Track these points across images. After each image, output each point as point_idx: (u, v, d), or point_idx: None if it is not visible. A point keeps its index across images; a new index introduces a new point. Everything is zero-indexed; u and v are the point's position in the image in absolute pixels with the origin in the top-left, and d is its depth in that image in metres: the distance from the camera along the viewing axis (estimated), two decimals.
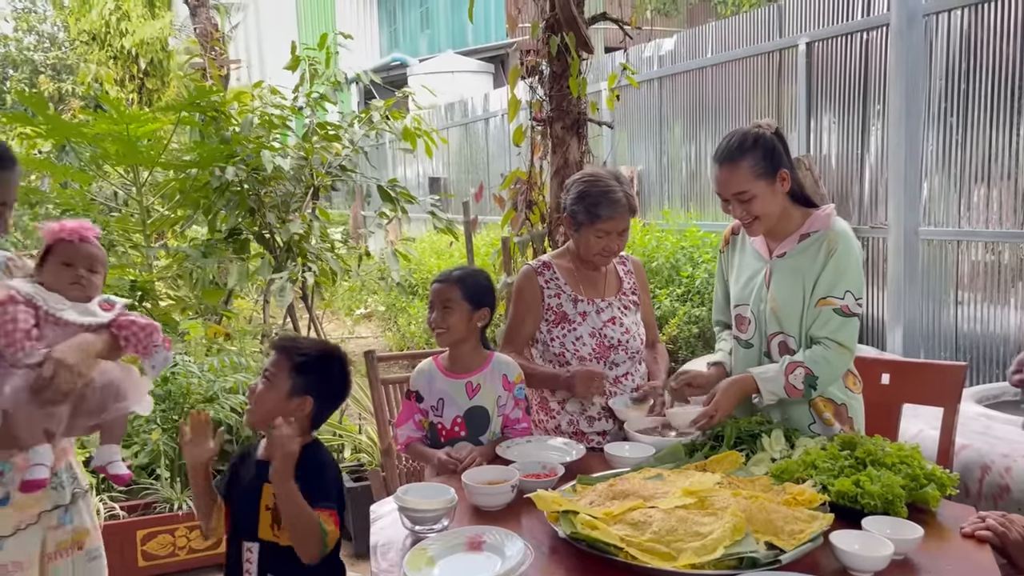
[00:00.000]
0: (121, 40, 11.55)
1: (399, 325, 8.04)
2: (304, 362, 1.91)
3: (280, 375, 1.91)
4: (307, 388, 1.91)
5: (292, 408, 1.90)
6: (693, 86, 6.59)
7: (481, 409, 2.41)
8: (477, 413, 2.41)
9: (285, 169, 5.29)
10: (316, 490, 1.84)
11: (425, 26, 19.26)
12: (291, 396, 1.90)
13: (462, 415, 2.41)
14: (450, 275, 2.44)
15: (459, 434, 2.41)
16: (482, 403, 2.41)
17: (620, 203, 2.55)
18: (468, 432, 2.41)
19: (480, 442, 2.39)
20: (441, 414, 2.43)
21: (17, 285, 1.92)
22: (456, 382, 2.43)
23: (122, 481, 2.07)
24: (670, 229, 6.14)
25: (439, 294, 2.41)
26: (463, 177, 11.28)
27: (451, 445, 2.40)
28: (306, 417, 1.92)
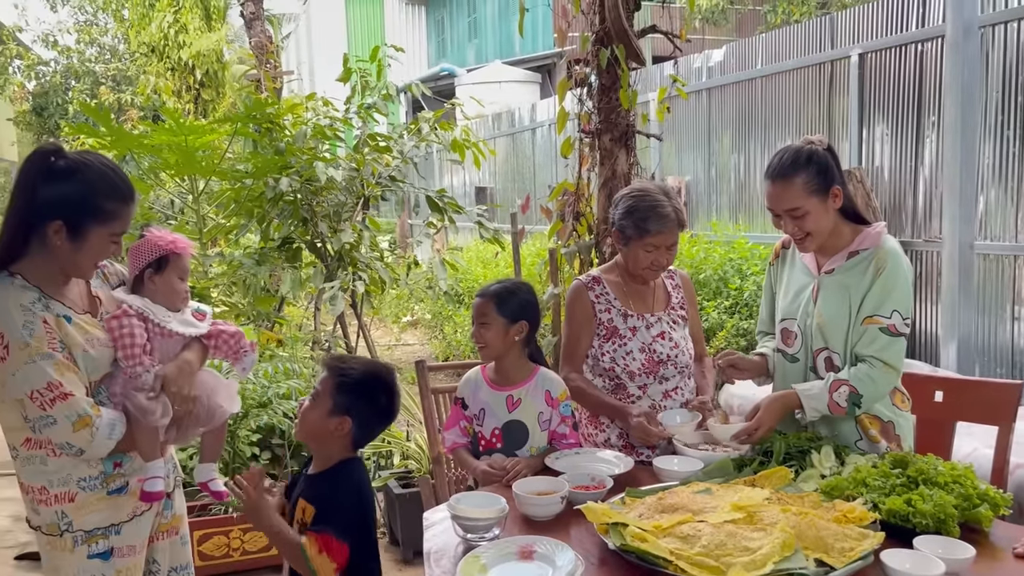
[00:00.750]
0: (179, 52, 11.87)
1: (445, 333, 8.12)
2: (345, 382, 1.94)
3: (324, 393, 1.94)
4: (347, 408, 1.92)
5: (332, 427, 1.92)
6: (743, 97, 6.57)
7: (520, 424, 2.44)
8: (515, 427, 2.44)
9: (337, 180, 5.39)
10: (321, 514, 1.87)
11: (473, 36, 19.42)
12: (331, 415, 1.92)
13: (500, 427, 2.44)
14: (487, 290, 2.47)
15: (495, 445, 2.45)
16: (521, 417, 2.44)
17: (669, 218, 2.56)
18: (504, 445, 2.44)
19: (516, 456, 2.42)
20: (482, 424, 2.47)
21: (125, 298, 2.02)
22: (498, 394, 2.47)
23: (220, 497, 2.21)
24: (718, 240, 6.12)
25: (476, 309, 2.45)
26: (509, 187, 11.35)
27: (488, 455, 2.45)
28: (346, 436, 1.94)
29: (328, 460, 1.96)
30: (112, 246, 1.95)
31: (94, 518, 1.98)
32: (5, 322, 1.85)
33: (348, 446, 1.96)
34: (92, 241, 1.90)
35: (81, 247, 1.90)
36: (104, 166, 1.92)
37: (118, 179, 1.93)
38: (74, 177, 1.88)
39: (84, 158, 1.92)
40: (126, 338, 1.96)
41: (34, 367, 1.84)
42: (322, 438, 1.95)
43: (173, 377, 1.99)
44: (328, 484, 1.91)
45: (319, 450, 1.99)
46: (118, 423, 1.94)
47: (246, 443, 3.97)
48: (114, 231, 1.92)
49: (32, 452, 1.95)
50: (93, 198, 1.88)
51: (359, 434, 1.95)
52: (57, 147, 1.94)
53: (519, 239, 5.65)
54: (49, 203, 1.87)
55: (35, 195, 1.87)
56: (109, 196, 1.90)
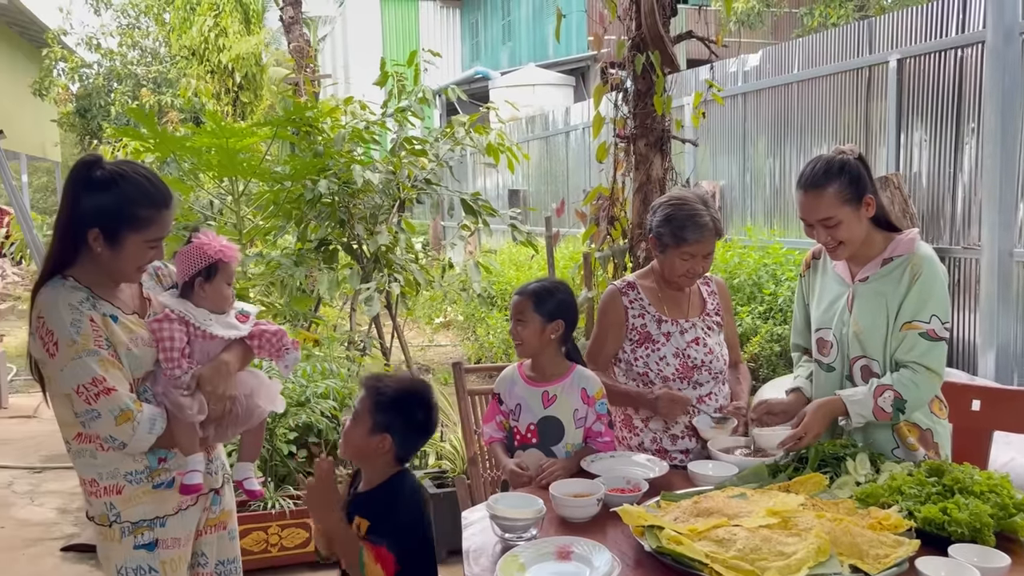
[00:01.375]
0: (218, 55, 12.09)
1: (478, 335, 8.18)
2: (382, 401, 1.97)
3: (363, 413, 1.98)
4: (386, 426, 1.95)
5: (373, 445, 1.95)
6: (778, 102, 6.55)
7: (555, 420, 2.48)
8: (551, 423, 2.48)
9: (374, 183, 5.47)
10: (376, 526, 1.91)
11: (507, 38, 19.48)
12: (371, 434, 1.95)
13: (536, 423, 2.49)
14: (525, 289, 2.53)
15: (531, 441, 2.50)
16: (557, 414, 2.48)
17: (707, 227, 2.59)
18: (540, 440, 2.49)
19: (552, 452, 2.46)
20: (517, 419, 2.53)
21: (167, 302, 2.10)
22: (534, 390, 2.51)
23: (255, 496, 2.28)
24: (752, 245, 6.10)
25: (514, 307, 2.51)
26: (542, 189, 11.39)
27: (523, 451, 2.50)
28: (388, 453, 1.96)
29: (375, 477, 2.00)
30: (150, 251, 2.03)
31: (140, 510, 2.06)
32: (54, 321, 1.94)
33: (392, 462, 1.99)
34: (129, 247, 1.99)
35: (119, 253, 1.99)
36: (139, 175, 2.01)
37: (152, 187, 2.01)
38: (110, 187, 1.97)
39: (120, 168, 2.01)
40: (166, 341, 2.05)
41: (80, 363, 1.93)
42: (366, 456, 1.98)
43: (208, 377, 2.07)
44: (379, 500, 1.95)
45: (365, 468, 2.03)
46: (158, 419, 2.01)
47: (283, 441, 4.05)
48: (149, 237, 2.01)
49: (83, 446, 2.05)
50: (128, 207, 1.97)
51: (401, 450, 1.98)
52: (97, 158, 2.03)
53: (554, 242, 5.68)
54: (88, 212, 1.97)
55: (77, 204, 1.98)
56: (143, 204, 1.98)
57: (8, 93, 17.04)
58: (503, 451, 2.55)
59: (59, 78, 17.10)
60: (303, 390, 4.24)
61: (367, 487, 2.00)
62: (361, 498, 1.99)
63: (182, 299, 2.13)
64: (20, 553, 4.06)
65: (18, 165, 15.59)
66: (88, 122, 17.00)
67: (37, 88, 16.97)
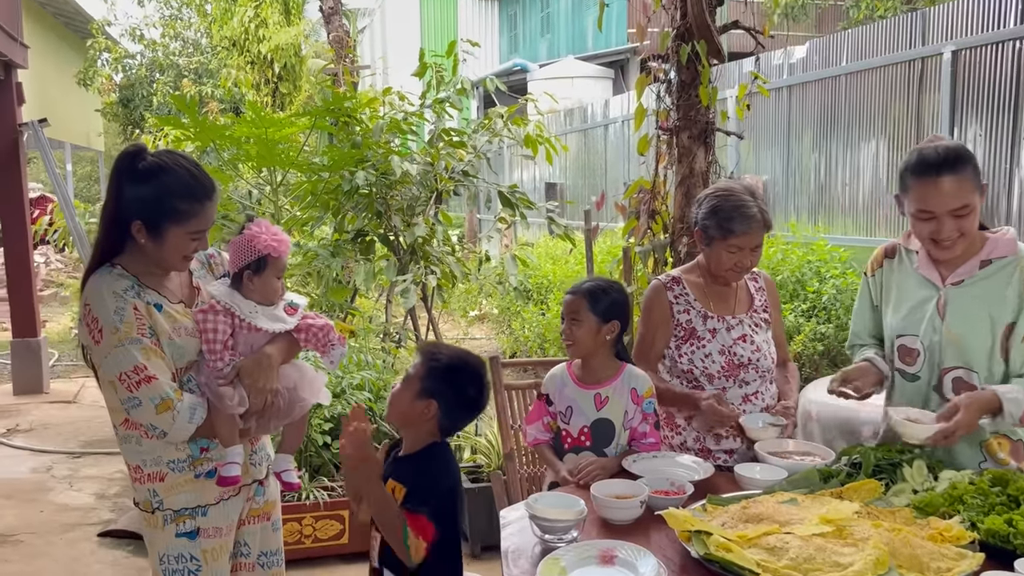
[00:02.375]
0: (258, 46, 12.15)
1: (513, 329, 8.12)
2: (435, 367, 1.96)
3: (414, 376, 1.97)
4: (433, 392, 1.93)
5: (418, 410, 1.94)
6: (825, 95, 6.38)
7: (607, 422, 2.42)
8: (603, 425, 2.43)
9: (412, 174, 5.43)
10: (414, 492, 1.87)
11: (545, 31, 19.37)
12: (418, 397, 1.94)
13: (588, 426, 2.43)
14: (580, 288, 2.46)
15: (584, 444, 2.43)
16: (609, 416, 2.42)
17: (755, 219, 2.48)
18: (593, 443, 2.43)
19: (604, 454, 2.41)
20: (568, 422, 2.46)
21: (217, 293, 2.08)
22: (585, 392, 2.45)
23: (293, 488, 2.24)
24: (796, 242, 5.96)
25: (568, 306, 2.43)
26: (580, 183, 11.29)
27: (575, 454, 2.44)
28: (432, 420, 1.94)
29: (416, 443, 1.98)
30: (193, 243, 2.01)
31: (182, 498, 2.06)
32: (99, 308, 1.95)
33: (434, 430, 1.97)
34: (171, 239, 1.98)
35: (162, 245, 1.99)
36: (181, 167, 1.99)
37: (194, 179, 1.99)
38: (152, 179, 1.96)
39: (162, 160, 1.99)
40: (209, 333, 2.03)
41: (123, 351, 1.92)
42: (409, 420, 1.97)
43: (249, 370, 2.04)
44: (418, 465, 1.93)
45: (407, 432, 2.01)
46: (199, 408, 2.00)
47: (319, 431, 4.04)
48: (191, 230, 1.99)
49: (129, 432, 2.05)
50: (168, 200, 1.96)
51: (445, 420, 1.96)
52: (140, 148, 2.02)
53: (593, 236, 5.60)
54: (131, 203, 1.97)
55: (121, 195, 1.98)
56: (184, 197, 1.97)
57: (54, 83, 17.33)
58: (552, 453, 2.50)
59: (103, 68, 17.35)
60: (339, 381, 4.23)
61: (406, 452, 1.98)
62: (399, 462, 1.97)
63: (231, 289, 2.10)
64: (58, 537, 4.10)
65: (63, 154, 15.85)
66: (131, 112, 17.24)
67: (81, 78, 17.22)
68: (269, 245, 2.06)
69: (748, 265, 2.56)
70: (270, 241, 2.07)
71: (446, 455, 1.99)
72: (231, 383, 2.03)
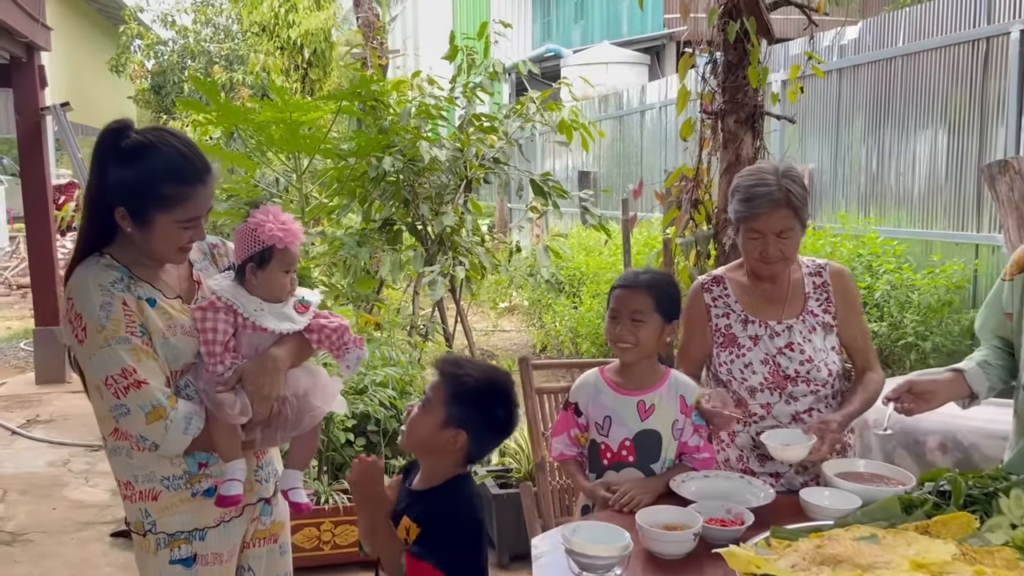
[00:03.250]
0: (288, 31, 11.99)
1: (544, 322, 7.88)
2: (461, 392, 1.73)
3: (436, 401, 1.74)
4: (462, 421, 1.72)
5: (443, 440, 1.72)
6: (879, 78, 6.02)
7: (653, 434, 2.15)
8: (649, 437, 2.15)
9: (441, 160, 5.22)
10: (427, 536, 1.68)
11: (579, 17, 19.02)
12: (444, 427, 1.72)
13: (631, 438, 2.15)
14: (639, 280, 2.16)
15: (627, 459, 2.15)
16: (655, 427, 2.15)
17: (769, 196, 2.15)
18: (637, 458, 2.14)
19: (651, 471, 2.14)
20: (607, 434, 2.17)
21: (218, 288, 1.85)
22: (626, 399, 2.16)
23: (301, 510, 1.97)
24: (845, 234, 5.63)
25: (627, 302, 2.13)
26: (614, 172, 10.99)
27: (616, 471, 2.16)
28: (459, 451, 1.74)
29: (434, 475, 1.76)
30: (185, 232, 1.77)
31: (177, 520, 1.83)
32: (83, 303, 1.72)
33: (459, 461, 1.76)
34: (159, 228, 1.75)
35: (150, 234, 1.75)
36: (169, 145, 1.74)
37: (183, 160, 1.74)
38: (135, 160, 1.72)
39: (148, 138, 1.74)
40: (208, 333, 1.79)
41: (109, 351, 1.70)
42: (432, 451, 1.76)
43: (252, 375, 1.80)
44: (436, 505, 1.72)
45: (426, 462, 1.80)
46: (195, 417, 1.77)
47: (341, 429, 3.83)
48: (180, 218, 1.75)
49: (119, 443, 1.83)
50: (152, 184, 1.72)
51: (473, 449, 1.75)
52: (125, 124, 1.77)
53: (630, 226, 5.33)
54: (113, 188, 1.74)
55: (104, 178, 1.75)
56: (170, 180, 1.72)
57: (87, 70, 17.39)
58: (580, 471, 2.22)
59: (135, 55, 17.35)
60: (361, 378, 4.01)
61: (424, 485, 1.77)
62: (415, 497, 1.76)
63: (235, 284, 1.86)
64: (70, 536, 3.95)
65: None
66: (162, 99, 17.21)
67: (114, 65, 17.26)
68: (274, 235, 1.81)
69: (775, 254, 2.20)
70: (276, 230, 1.82)
71: (468, 491, 1.77)
72: (232, 389, 1.80)
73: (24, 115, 6.35)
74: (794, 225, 2.19)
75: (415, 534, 1.69)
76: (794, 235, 2.20)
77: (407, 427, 1.77)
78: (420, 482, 1.78)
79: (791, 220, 2.18)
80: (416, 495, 1.76)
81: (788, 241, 2.19)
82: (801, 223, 2.22)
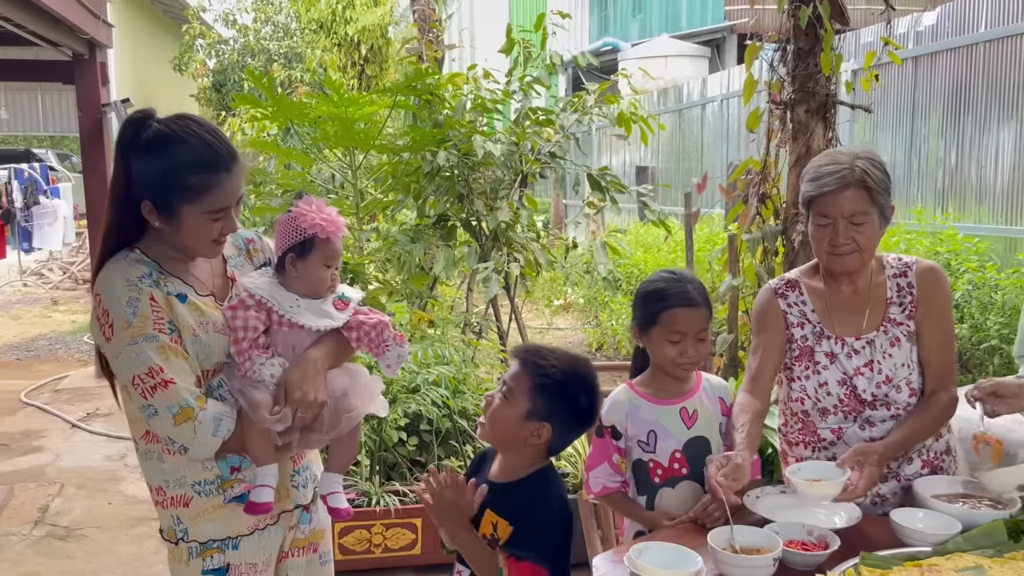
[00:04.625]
0: (345, 28, 12.01)
1: (600, 320, 7.71)
2: (547, 385, 1.65)
3: (519, 393, 1.66)
4: (546, 414, 1.65)
5: (527, 433, 1.65)
6: (959, 67, 5.70)
7: (702, 440, 2.00)
8: (698, 445, 2.00)
9: (496, 155, 5.11)
10: (520, 533, 1.61)
11: (637, 11, 18.74)
12: (527, 419, 1.65)
13: (681, 449, 1.99)
14: (691, 296, 1.96)
15: (680, 472, 1.99)
16: (702, 432, 2.01)
17: (839, 174, 1.91)
18: (691, 468, 1.98)
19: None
20: (653, 449, 2.00)
21: (252, 285, 1.76)
22: (668, 409, 2.01)
23: (340, 517, 1.87)
24: (922, 231, 5.35)
25: (692, 324, 1.95)
26: (672, 168, 10.74)
27: (671, 486, 2.00)
28: (542, 444, 1.67)
29: (517, 468, 1.70)
30: (215, 224, 1.68)
31: (209, 528, 1.74)
32: (111, 299, 1.65)
33: (541, 454, 1.70)
34: (187, 221, 1.66)
35: (178, 228, 1.67)
36: (192, 134, 1.65)
37: (207, 148, 1.65)
38: (158, 151, 1.64)
39: (170, 127, 1.66)
40: (239, 331, 1.71)
41: (136, 349, 1.62)
42: (514, 444, 1.69)
43: (297, 382, 1.70)
44: (525, 498, 1.66)
45: (507, 454, 1.73)
46: (225, 419, 1.67)
47: (393, 428, 3.75)
48: (206, 208, 1.66)
49: (150, 447, 1.75)
50: (176, 175, 1.63)
51: (556, 441, 1.68)
52: (147, 114, 1.69)
53: (692, 222, 5.14)
54: (138, 181, 1.66)
55: (128, 171, 1.67)
56: (194, 170, 1.63)
57: (151, 69, 17.77)
58: (631, 502, 2.03)
59: (197, 54, 17.64)
60: (414, 376, 3.92)
61: (505, 478, 1.70)
62: (499, 490, 1.68)
63: (272, 281, 1.77)
64: (123, 533, 3.94)
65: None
66: (223, 97, 17.44)
67: (177, 64, 17.56)
68: (316, 224, 1.72)
69: (847, 244, 1.93)
70: (318, 220, 1.72)
71: (555, 482, 1.72)
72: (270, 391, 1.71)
73: (86, 111, 6.44)
74: (869, 210, 1.94)
75: (503, 529, 1.63)
76: (869, 222, 1.94)
77: (488, 419, 1.70)
78: (501, 474, 1.72)
79: (865, 203, 1.93)
80: (500, 489, 1.69)
81: (862, 228, 1.94)
82: (880, 211, 1.96)
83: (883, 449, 1.91)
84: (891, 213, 2.02)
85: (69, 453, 5.04)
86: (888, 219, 2.01)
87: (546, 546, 1.61)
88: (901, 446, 1.96)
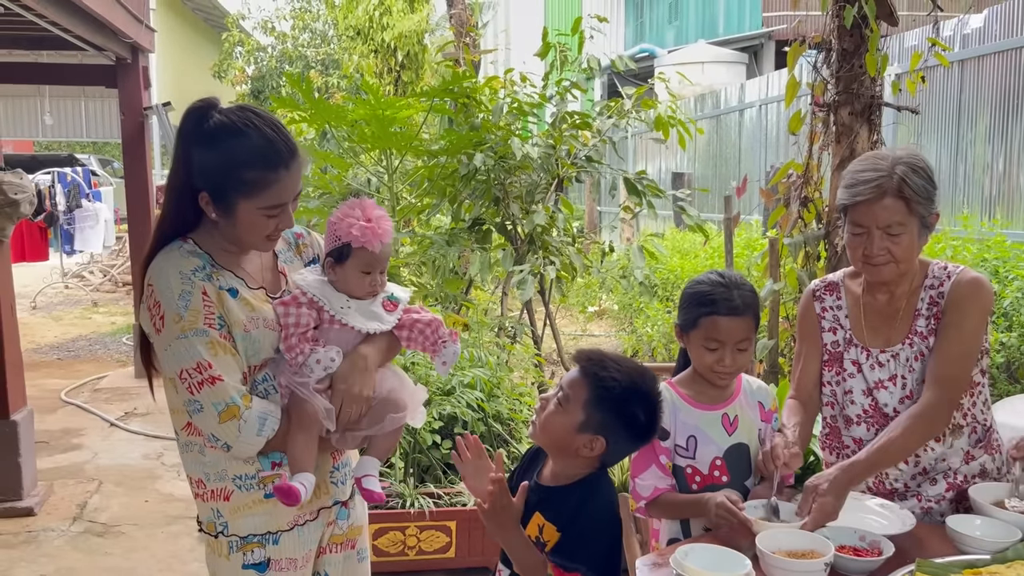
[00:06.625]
0: (382, 34, 12.09)
1: (636, 327, 7.64)
2: (606, 398, 1.60)
3: (575, 402, 1.62)
4: (601, 428, 1.60)
5: (579, 443, 1.61)
6: (1008, 70, 5.57)
7: (742, 447, 1.95)
8: (738, 452, 1.94)
9: (533, 158, 5.09)
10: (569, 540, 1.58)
11: (673, 18, 18.65)
12: (580, 431, 1.60)
13: (722, 456, 1.93)
14: (737, 306, 1.87)
15: (720, 480, 1.92)
16: (743, 439, 1.95)
17: (874, 182, 1.81)
18: (731, 477, 1.93)
19: (745, 488, 1.92)
20: (693, 455, 1.93)
21: (304, 283, 1.76)
22: (710, 414, 1.95)
23: (373, 500, 1.84)
24: (968, 237, 5.22)
25: (733, 333, 1.87)
26: (709, 174, 10.64)
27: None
28: (594, 456, 1.62)
29: (568, 471, 1.67)
30: (270, 220, 1.67)
31: (250, 522, 1.73)
32: (163, 290, 1.64)
33: (594, 464, 1.65)
34: (242, 216, 1.65)
35: (234, 222, 1.66)
36: (253, 127, 1.63)
37: (267, 143, 1.62)
38: (218, 143, 1.62)
39: (231, 118, 1.64)
40: (290, 327, 1.69)
41: (185, 343, 1.61)
42: (565, 452, 1.64)
43: (344, 374, 1.70)
44: (576, 504, 1.62)
45: (558, 458, 1.69)
46: (270, 417, 1.66)
47: (428, 431, 3.73)
48: (263, 204, 1.64)
49: (192, 439, 1.74)
50: (234, 168, 1.61)
51: (610, 455, 1.64)
52: (210, 104, 1.67)
53: (733, 225, 5.07)
54: (196, 171, 1.65)
55: (188, 161, 1.66)
56: (252, 166, 1.62)
57: (192, 75, 18.05)
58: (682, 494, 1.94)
59: (236, 61, 17.90)
60: (449, 379, 3.90)
61: (555, 482, 1.67)
62: (547, 494, 1.66)
63: (322, 280, 1.76)
64: (160, 530, 3.96)
65: None
66: (261, 103, 17.71)
67: (217, 71, 17.83)
68: (351, 233, 1.69)
69: (881, 255, 1.85)
70: (356, 227, 1.69)
71: (606, 488, 1.66)
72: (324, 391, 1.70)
73: (128, 115, 6.53)
74: (906, 220, 1.84)
75: (549, 533, 1.60)
76: (906, 233, 1.85)
77: (541, 423, 1.66)
78: (551, 478, 1.69)
79: (902, 214, 1.83)
80: (549, 492, 1.66)
81: (897, 239, 1.84)
82: (920, 220, 1.86)
83: (838, 473, 1.76)
84: (934, 221, 1.91)
85: (107, 451, 5.10)
86: (931, 227, 1.91)
87: (594, 557, 1.58)
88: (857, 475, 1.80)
